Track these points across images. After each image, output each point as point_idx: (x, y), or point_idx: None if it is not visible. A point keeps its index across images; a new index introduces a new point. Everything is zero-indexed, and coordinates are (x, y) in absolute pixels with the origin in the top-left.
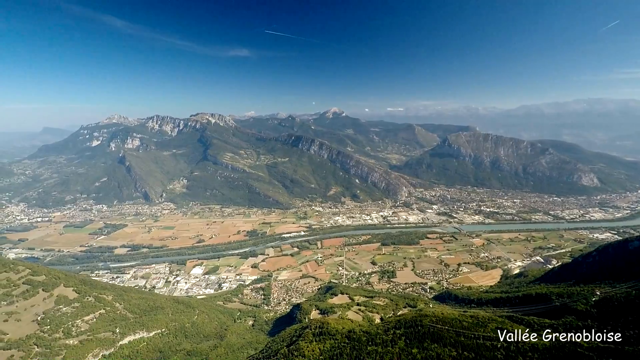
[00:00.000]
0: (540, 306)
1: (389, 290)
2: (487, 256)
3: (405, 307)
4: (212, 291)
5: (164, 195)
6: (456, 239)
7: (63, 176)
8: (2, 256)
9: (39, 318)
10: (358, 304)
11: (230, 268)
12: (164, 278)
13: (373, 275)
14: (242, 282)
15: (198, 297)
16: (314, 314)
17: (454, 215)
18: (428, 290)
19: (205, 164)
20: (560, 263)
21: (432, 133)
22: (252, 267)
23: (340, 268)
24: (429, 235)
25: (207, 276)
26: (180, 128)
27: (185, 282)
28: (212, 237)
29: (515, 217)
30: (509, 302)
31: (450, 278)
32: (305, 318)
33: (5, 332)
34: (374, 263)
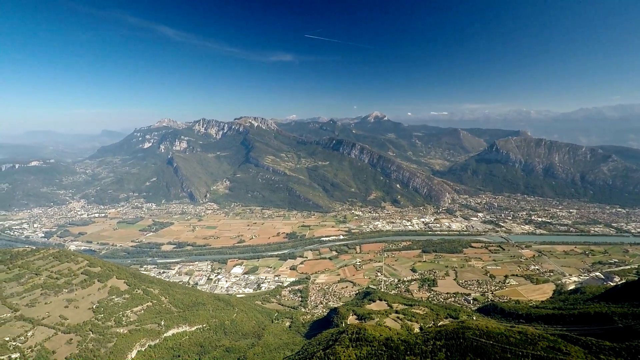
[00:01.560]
0: (600, 327)
1: (429, 299)
2: (538, 269)
3: (446, 318)
4: (251, 290)
5: (208, 195)
6: (503, 249)
7: (118, 176)
8: (65, 248)
9: (94, 306)
10: (397, 312)
11: (269, 269)
12: (206, 275)
13: (413, 282)
14: (280, 284)
15: (237, 295)
16: (351, 319)
17: (501, 224)
18: (471, 301)
19: (247, 166)
20: (624, 280)
21: (479, 138)
22: (290, 269)
23: (379, 274)
24: (473, 244)
25: (246, 276)
26: (225, 131)
27: (226, 281)
28: (252, 238)
29: (571, 229)
30: (563, 319)
31: (496, 290)
32: (342, 323)
33: (66, 317)
34: (414, 270)
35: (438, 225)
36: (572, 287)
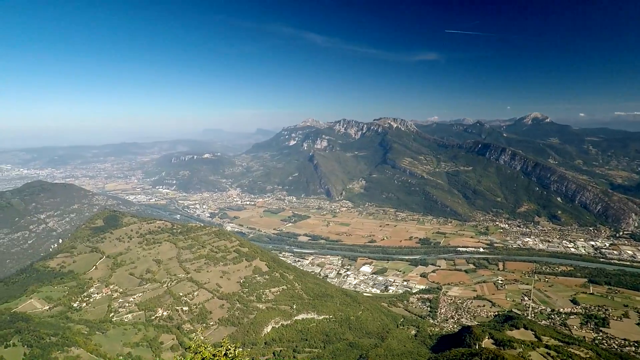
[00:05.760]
0: None
1: (596, 341)
2: None
3: None
4: (378, 291)
5: (344, 193)
6: None
7: (266, 169)
8: (223, 228)
9: (241, 281)
10: (547, 347)
11: (398, 272)
12: (335, 270)
13: (572, 317)
14: (408, 289)
15: (364, 294)
16: (487, 342)
17: None
18: None
19: (383, 167)
20: None
21: None
22: (420, 275)
23: (526, 298)
24: None
25: (374, 276)
26: (363, 131)
27: (354, 278)
28: (383, 239)
29: None
30: None
31: None
32: (475, 344)
33: (220, 285)
34: (575, 302)
35: (615, 252)
36: None
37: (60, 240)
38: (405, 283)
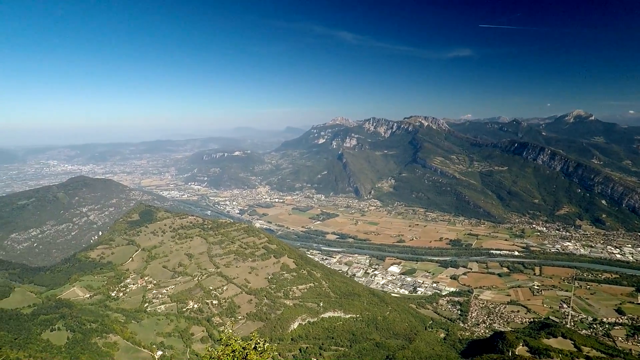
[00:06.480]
0: None
1: None
2: None
3: None
4: (406, 292)
5: (372, 192)
6: None
7: (295, 167)
8: (252, 224)
9: (269, 277)
10: (587, 358)
11: (427, 274)
12: (363, 269)
13: (617, 327)
14: (438, 291)
15: (392, 294)
16: (521, 350)
17: None
18: None
19: (413, 166)
20: None
21: None
22: (450, 277)
23: (565, 305)
24: None
25: (403, 276)
26: (393, 130)
27: (382, 277)
28: (412, 239)
29: None
30: None
31: None
32: (508, 351)
33: (249, 281)
34: (620, 312)
35: None
36: None
37: (100, 233)
38: (434, 285)
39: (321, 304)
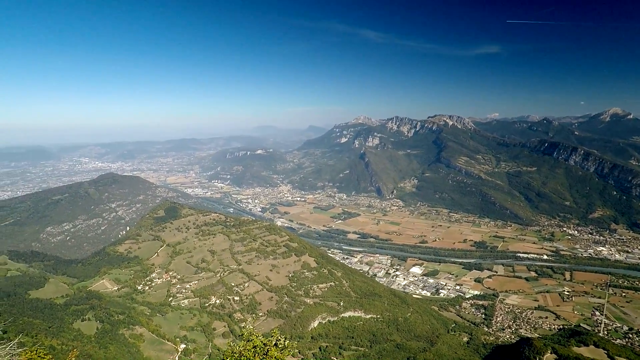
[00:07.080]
0: None
1: None
2: None
3: None
4: (428, 294)
5: (395, 192)
6: None
7: (317, 166)
8: (273, 222)
9: (290, 275)
10: None
11: (450, 276)
12: (384, 269)
13: None
14: (461, 294)
15: (413, 295)
16: (548, 357)
17: None
18: None
19: (437, 166)
20: None
21: None
22: (475, 280)
23: (597, 313)
24: None
25: (425, 278)
26: (417, 129)
27: (404, 278)
28: (435, 240)
29: None
30: None
31: None
32: (535, 358)
33: (270, 278)
34: None
35: None
36: None
37: (128, 228)
38: (457, 287)
39: (341, 303)
